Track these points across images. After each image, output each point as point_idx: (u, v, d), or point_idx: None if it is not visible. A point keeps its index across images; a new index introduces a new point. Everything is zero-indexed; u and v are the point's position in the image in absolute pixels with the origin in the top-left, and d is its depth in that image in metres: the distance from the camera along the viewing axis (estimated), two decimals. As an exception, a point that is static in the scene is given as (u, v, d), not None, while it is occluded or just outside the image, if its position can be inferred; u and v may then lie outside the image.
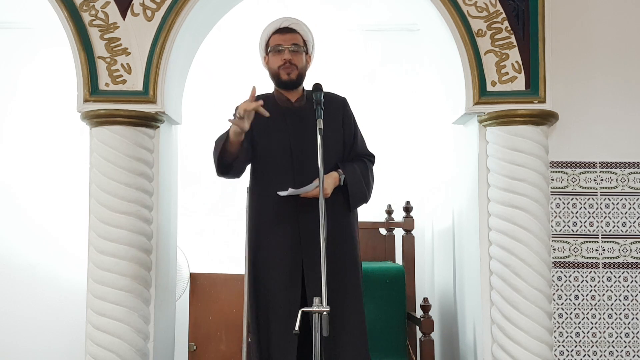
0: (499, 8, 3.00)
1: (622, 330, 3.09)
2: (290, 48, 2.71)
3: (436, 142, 4.09)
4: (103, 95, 2.99)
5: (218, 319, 3.82)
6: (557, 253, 3.11)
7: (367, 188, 2.75)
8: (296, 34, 2.75)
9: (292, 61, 2.71)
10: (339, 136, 2.76)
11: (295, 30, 2.76)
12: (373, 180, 2.81)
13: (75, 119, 3.06)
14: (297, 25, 2.78)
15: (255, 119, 2.59)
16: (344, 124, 2.78)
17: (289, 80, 2.72)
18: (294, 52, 2.71)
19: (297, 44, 2.73)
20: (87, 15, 3.00)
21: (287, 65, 2.70)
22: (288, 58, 2.70)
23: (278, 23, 2.78)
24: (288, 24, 2.77)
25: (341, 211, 2.70)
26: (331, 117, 2.73)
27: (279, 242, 2.65)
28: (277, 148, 2.70)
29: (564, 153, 3.14)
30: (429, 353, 3.26)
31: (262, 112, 2.52)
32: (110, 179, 2.90)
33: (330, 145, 2.67)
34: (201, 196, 4.47)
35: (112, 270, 2.86)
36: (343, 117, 2.79)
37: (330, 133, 2.68)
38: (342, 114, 2.79)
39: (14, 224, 4.36)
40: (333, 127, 2.74)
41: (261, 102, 2.52)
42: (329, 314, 2.16)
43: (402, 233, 3.82)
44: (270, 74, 2.79)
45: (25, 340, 4.27)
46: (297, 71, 2.72)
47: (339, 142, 2.76)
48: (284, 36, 2.74)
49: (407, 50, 4.60)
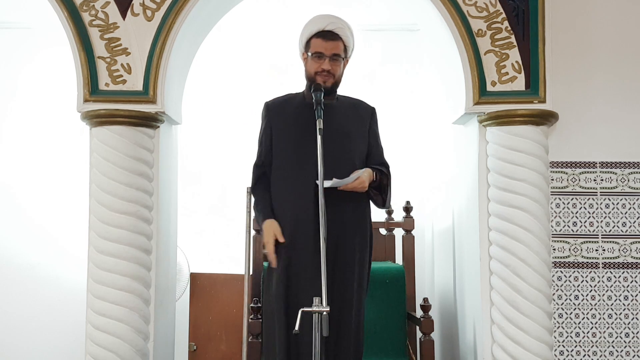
0: (499, 8, 3.00)
1: (622, 330, 3.09)
2: (331, 57, 2.72)
3: (436, 142, 4.09)
4: (103, 95, 2.99)
5: (218, 319, 3.82)
6: (557, 253, 3.11)
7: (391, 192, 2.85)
8: (339, 42, 2.73)
9: (331, 71, 2.72)
10: (364, 139, 2.83)
11: (338, 36, 2.74)
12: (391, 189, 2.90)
13: (75, 119, 3.06)
14: (341, 30, 2.74)
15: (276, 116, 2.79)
16: (370, 131, 2.85)
17: (324, 88, 2.73)
18: (334, 61, 2.72)
19: (338, 54, 2.73)
20: (87, 15, 3.00)
21: (325, 73, 2.71)
22: (327, 68, 2.71)
23: (323, 24, 2.74)
24: (333, 27, 2.73)
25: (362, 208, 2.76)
26: (360, 121, 2.83)
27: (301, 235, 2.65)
28: (300, 141, 2.72)
29: (564, 153, 3.14)
30: (429, 353, 3.26)
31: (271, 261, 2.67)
32: (110, 179, 2.90)
33: (356, 145, 2.77)
34: (201, 196, 4.47)
35: (112, 270, 2.86)
36: (370, 124, 2.87)
37: (357, 134, 2.79)
38: (370, 121, 2.87)
39: (14, 224, 4.36)
40: (361, 130, 2.82)
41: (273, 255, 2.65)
42: (329, 312, 2.17)
43: (402, 233, 3.82)
44: (306, 75, 2.80)
45: (25, 340, 4.27)
46: (334, 80, 2.74)
47: (363, 144, 2.82)
48: (326, 43, 2.72)
49: (407, 50, 4.60)
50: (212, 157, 4.51)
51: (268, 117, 2.84)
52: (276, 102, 2.88)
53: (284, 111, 2.82)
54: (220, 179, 4.48)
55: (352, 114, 2.83)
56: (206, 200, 4.49)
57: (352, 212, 2.71)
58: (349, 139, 2.76)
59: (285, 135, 2.78)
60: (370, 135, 2.85)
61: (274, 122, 2.81)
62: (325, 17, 2.77)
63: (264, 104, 2.90)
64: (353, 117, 2.82)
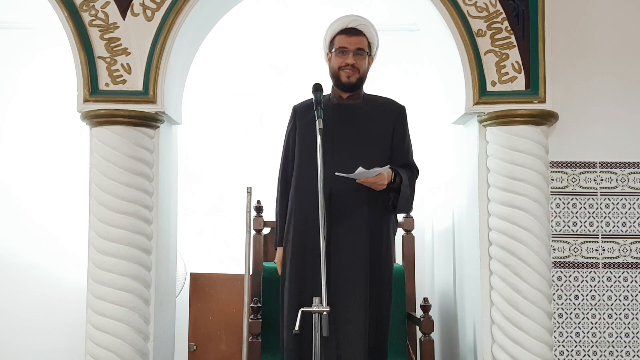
0: (499, 8, 3.00)
1: (622, 330, 3.09)
2: (355, 52, 2.71)
3: (436, 142, 4.09)
4: (103, 95, 2.99)
5: (218, 319, 3.82)
6: (557, 253, 3.11)
7: (413, 194, 2.81)
8: (362, 37, 2.75)
9: (355, 65, 2.72)
10: (387, 140, 2.80)
11: (362, 32, 2.75)
12: (414, 192, 2.86)
13: (75, 119, 3.05)
14: (364, 27, 2.76)
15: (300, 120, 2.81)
16: (394, 130, 2.82)
17: (348, 83, 2.74)
18: (358, 55, 2.72)
19: (362, 48, 2.74)
20: (87, 15, 3.00)
21: (350, 68, 2.71)
22: (351, 62, 2.73)
23: (346, 22, 2.76)
24: (356, 24, 2.76)
25: (379, 211, 2.74)
26: (384, 122, 2.80)
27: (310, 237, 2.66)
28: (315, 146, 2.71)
29: (564, 153, 3.14)
30: (429, 353, 3.26)
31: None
32: (110, 179, 2.90)
33: (376, 148, 2.74)
34: (201, 196, 4.47)
35: (112, 270, 2.86)
36: (395, 124, 2.82)
37: (376, 134, 2.76)
38: (396, 120, 2.83)
39: (14, 224, 4.35)
40: (381, 129, 2.79)
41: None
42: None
43: (402, 233, 3.82)
44: (331, 72, 2.81)
45: (25, 340, 4.27)
46: (358, 75, 2.74)
47: (386, 145, 2.79)
48: (350, 38, 2.74)
49: (407, 50, 4.59)
50: (212, 157, 4.50)
51: (293, 121, 2.87)
52: (302, 106, 2.89)
53: (308, 114, 2.82)
54: (220, 179, 4.48)
55: (377, 115, 2.80)
56: (206, 200, 4.49)
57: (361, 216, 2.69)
58: (369, 142, 2.74)
59: (306, 138, 2.77)
60: (395, 136, 2.81)
61: (298, 125, 2.83)
62: (348, 16, 2.80)
63: (292, 107, 2.90)
64: (377, 118, 2.79)
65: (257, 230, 3.58)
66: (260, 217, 3.61)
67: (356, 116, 2.73)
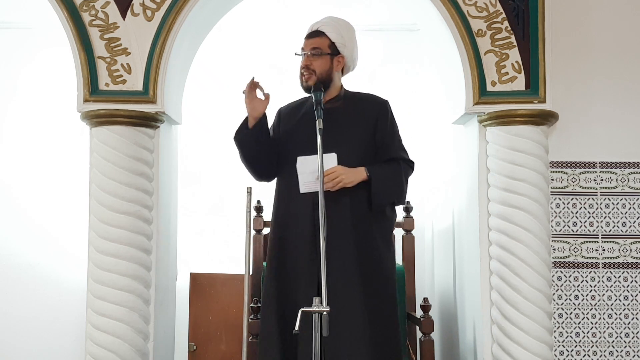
0: (499, 8, 3.00)
1: (622, 330, 3.09)
2: (309, 53, 2.70)
3: (436, 142, 4.09)
4: (103, 95, 2.99)
5: (218, 319, 3.82)
6: (557, 253, 3.11)
7: (397, 188, 2.72)
8: (320, 38, 2.72)
9: (310, 67, 2.70)
10: (369, 136, 2.73)
11: (321, 32, 2.73)
12: (406, 183, 2.77)
13: (75, 119, 3.06)
14: (326, 26, 2.74)
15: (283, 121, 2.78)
16: (377, 126, 2.74)
17: (306, 86, 2.72)
18: (314, 56, 2.70)
19: (317, 47, 2.70)
20: (87, 15, 3.00)
21: (305, 70, 2.70)
22: (304, 64, 2.71)
23: (309, 27, 2.78)
24: (317, 27, 2.75)
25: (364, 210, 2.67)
26: (363, 117, 2.73)
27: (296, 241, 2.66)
28: (299, 146, 2.69)
29: (564, 153, 3.14)
30: (429, 353, 3.25)
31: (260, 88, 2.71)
32: (110, 179, 2.90)
33: (355, 143, 2.67)
34: (201, 196, 4.47)
35: (112, 270, 2.87)
36: (377, 120, 2.75)
37: (356, 132, 2.69)
38: (378, 115, 2.75)
39: (14, 224, 4.35)
40: (364, 126, 2.72)
41: (256, 80, 2.71)
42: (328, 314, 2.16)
43: (402, 233, 3.82)
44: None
45: (25, 340, 4.26)
46: (315, 76, 2.70)
47: (368, 142, 2.72)
48: (307, 41, 2.75)
49: (407, 50, 4.59)
50: (212, 157, 4.50)
51: (275, 122, 2.87)
52: (288, 108, 2.89)
53: (293, 116, 2.82)
54: (220, 179, 4.47)
55: (357, 114, 2.74)
56: (206, 200, 4.49)
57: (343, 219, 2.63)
58: (351, 143, 2.68)
59: (290, 140, 2.76)
60: (378, 131, 2.74)
61: (282, 127, 2.82)
62: (314, 23, 2.78)
63: (278, 110, 2.90)
64: (357, 118, 2.74)
65: (257, 230, 3.58)
66: (260, 217, 3.61)
67: (336, 120, 2.67)
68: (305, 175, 2.60)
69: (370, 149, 2.73)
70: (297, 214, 2.67)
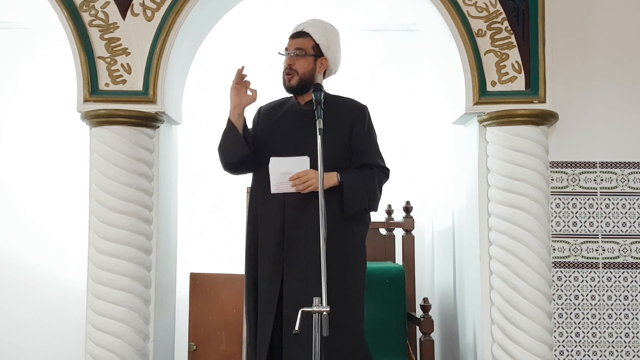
0: (499, 8, 3.00)
1: (622, 330, 3.09)
2: (292, 53, 2.69)
3: (436, 142, 4.09)
4: (103, 95, 2.99)
5: (218, 319, 3.82)
6: (557, 253, 3.11)
7: (369, 195, 2.67)
8: (304, 38, 2.71)
9: (293, 67, 2.69)
10: (344, 140, 2.69)
11: (306, 33, 2.72)
12: (380, 190, 2.72)
13: (75, 119, 3.06)
14: (311, 27, 2.73)
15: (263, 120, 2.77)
16: (353, 132, 2.70)
17: (288, 86, 2.71)
18: (297, 56, 2.69)
19: (300, 48, 2.69)
20: (87, 15, 3.00)
21: (287, 71, 2.70)
22: (287, 64, 2.70)
23: (294, 28, 2.77)
24: (301, 27, 2.74)
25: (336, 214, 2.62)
26: (339, 121, 2.69)
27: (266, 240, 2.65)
28: (276, 147, 2.70)
29: (564, 153, 3.14)
30: (429, 353, 3.26)
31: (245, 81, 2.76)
32: (110, 179, 2.90)
33: (329, 147, 2.58)
34: (201, 196, 4.47)
35: (112, 270, 2.87)
36: (354, 123, 2.71)
37: (332, 135, 2.62)
38: (354, 121, 2.71)
39: (14, 224, 4.35)
40: (340, 130, 2.68)
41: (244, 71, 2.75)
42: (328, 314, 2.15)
43: (402, 233, 3.82)
44: None
45: (25, 340, 4.27)
46: (298, 77, 2.69)
47: (343, 146, 2.69)
48: (290, 41, 2.74)
49: (407, 50, 4.60)
50: (212, 157, 4.47)
51: (255, 120, 2.86)
52: (267, 107, 2.87)
53: (272, 116, 2.80)
54: (220, 179, 4.45)
55: (335, 118, 2.68)
56: (206, 200, 4.49)
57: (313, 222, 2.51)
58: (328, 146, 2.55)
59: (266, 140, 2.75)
60: (353, 137, 2.70)
61: (260, 125, 2.81)
62: (299, 23, 2.77)
63: (258, 108, 2.89)
64: (335, 122, 2.67)
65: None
66: (260, 217, 3.61)
67: (307, 123, 2.67)
68: (277, 176, 2.59)
69: (345, 153, 2.70)
70: (266, 212, 2.68)
